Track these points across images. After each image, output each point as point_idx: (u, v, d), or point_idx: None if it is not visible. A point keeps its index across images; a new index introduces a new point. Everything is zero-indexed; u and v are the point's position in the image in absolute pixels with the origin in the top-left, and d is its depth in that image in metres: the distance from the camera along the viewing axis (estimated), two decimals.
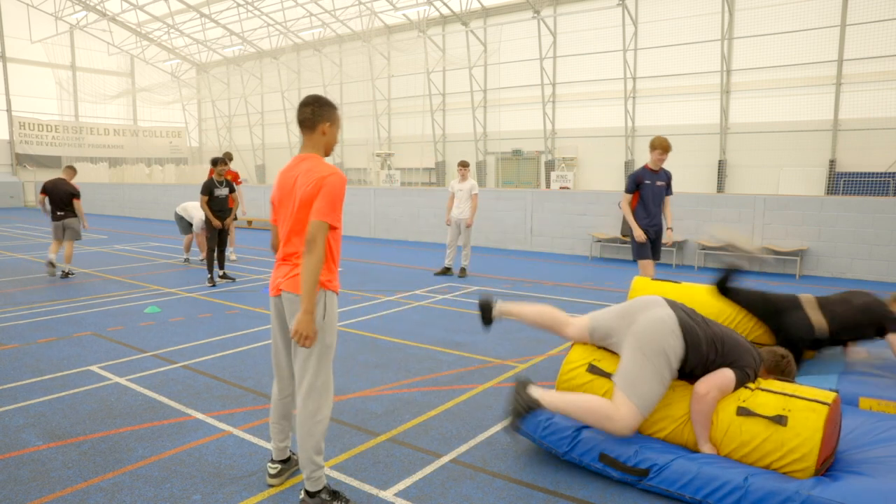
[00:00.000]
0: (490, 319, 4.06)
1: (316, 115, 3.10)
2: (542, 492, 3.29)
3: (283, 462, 3.39)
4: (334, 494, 3.06)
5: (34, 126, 34.56)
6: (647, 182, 6.59)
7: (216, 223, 9.22)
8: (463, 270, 10.16)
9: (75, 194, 9.93)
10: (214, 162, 9.32)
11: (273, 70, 36.33)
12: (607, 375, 3.61)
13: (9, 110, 33.73)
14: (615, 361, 3.64)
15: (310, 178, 2.97)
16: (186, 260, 11.80)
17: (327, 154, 3.18)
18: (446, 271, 10.26)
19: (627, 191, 6.73)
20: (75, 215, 9.98)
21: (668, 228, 6.83)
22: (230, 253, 11.44)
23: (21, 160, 34.11)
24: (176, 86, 40.47)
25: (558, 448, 3.49)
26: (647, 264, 6.70)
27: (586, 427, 3.44)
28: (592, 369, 3.69)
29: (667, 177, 6.77)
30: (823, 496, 2.80)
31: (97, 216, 24.47)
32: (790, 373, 3.64)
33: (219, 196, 9.30)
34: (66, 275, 9.99)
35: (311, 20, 31.33)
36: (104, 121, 37.83)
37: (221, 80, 38.93)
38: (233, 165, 11.11)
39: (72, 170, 10.22)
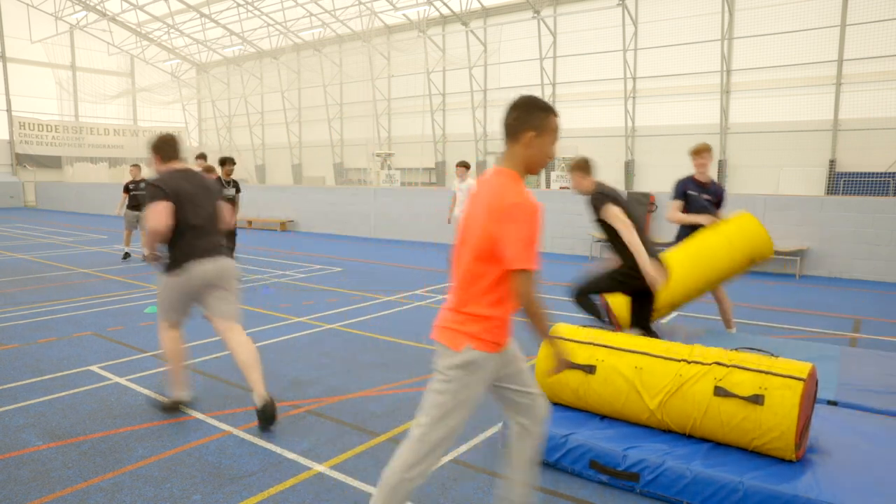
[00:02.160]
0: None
1: (520, 120, 2.41)
2: (543, 492, 3.28)
3: None
4: None
5: (34, 126, 34.53)
6: None
7: None
8: None
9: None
10: (223, 162, 9.39)
11: (273, 70, 36.32)
12: (575, 367, 3.66)
13: (9, 110, 33.72)
14: (582, 351, 3.70)
15: (491, 205, 2.33)
16: None
17: (530, 172, 2.48)
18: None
19: None
20: (134, 209, 11.78)
21: None
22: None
23: (21, 160, 34.08)
24: (176, 86, 40.46)
25: (548, 457, 3.51)
26: None
27: (574, 433, 3.49)
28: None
29: None
30: (821, 499, 2.81)
31: (97, 216, 24.47)
32: None
33: (226, 196, 9.35)
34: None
35: (311, 20, 31.32)
36: (104, 121, 37.79)
37: (221, 80, 38.93)
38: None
39: (134, 168, 11.95)
